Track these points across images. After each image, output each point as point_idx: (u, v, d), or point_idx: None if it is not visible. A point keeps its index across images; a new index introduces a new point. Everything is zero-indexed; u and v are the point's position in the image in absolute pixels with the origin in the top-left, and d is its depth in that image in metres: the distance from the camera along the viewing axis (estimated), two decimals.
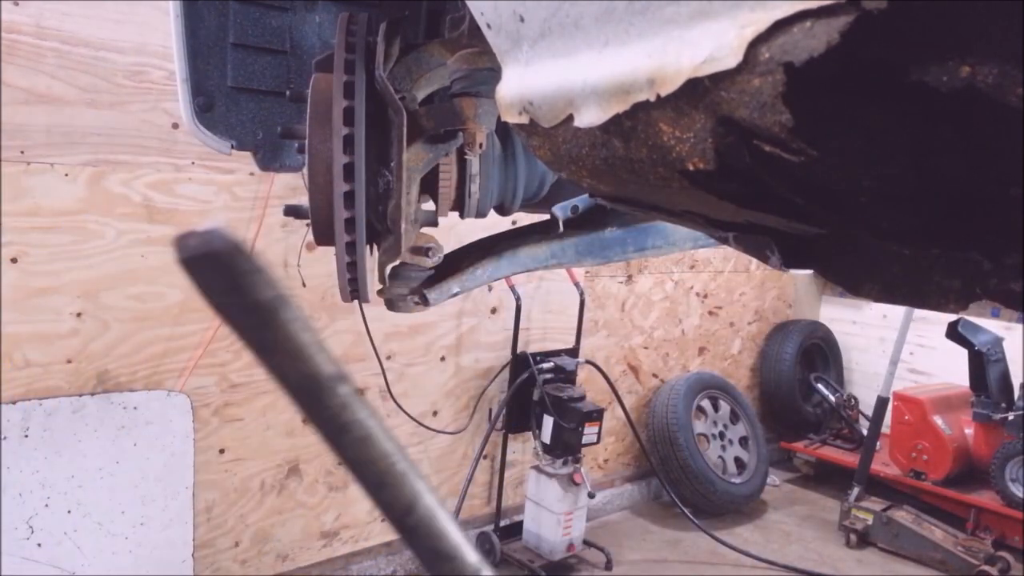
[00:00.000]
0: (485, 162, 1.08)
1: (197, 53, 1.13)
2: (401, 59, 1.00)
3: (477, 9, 0.41)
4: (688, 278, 4.48)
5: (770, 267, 0.40)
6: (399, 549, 3.31)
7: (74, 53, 2.22)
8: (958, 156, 0.24)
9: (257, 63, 1.18)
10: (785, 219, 0.34)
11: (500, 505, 3.52)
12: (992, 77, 0.21)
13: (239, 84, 1.18)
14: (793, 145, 0.26)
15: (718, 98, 0.27)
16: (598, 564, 3.52)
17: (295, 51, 1.21)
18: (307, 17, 1.21)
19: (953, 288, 0.31)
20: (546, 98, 0.37)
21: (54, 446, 2.27)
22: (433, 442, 3.32)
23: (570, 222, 1.16)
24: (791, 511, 4.37)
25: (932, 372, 4.75)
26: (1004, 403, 3.81)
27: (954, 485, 3.96)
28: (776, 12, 0.24)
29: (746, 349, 5.00)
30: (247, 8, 1.15)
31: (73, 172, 2.26)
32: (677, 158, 0.31)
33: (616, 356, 4.15)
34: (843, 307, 5.32)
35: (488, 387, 3.44)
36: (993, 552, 3.56)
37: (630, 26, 0.31)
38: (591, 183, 0.39)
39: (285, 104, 1.22)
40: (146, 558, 2.45)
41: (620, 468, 4.32)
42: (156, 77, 2.37)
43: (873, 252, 0.34)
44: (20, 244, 2.20)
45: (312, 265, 2.78)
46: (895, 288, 0.33)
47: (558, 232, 1.16)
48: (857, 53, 0.23)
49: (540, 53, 0.37)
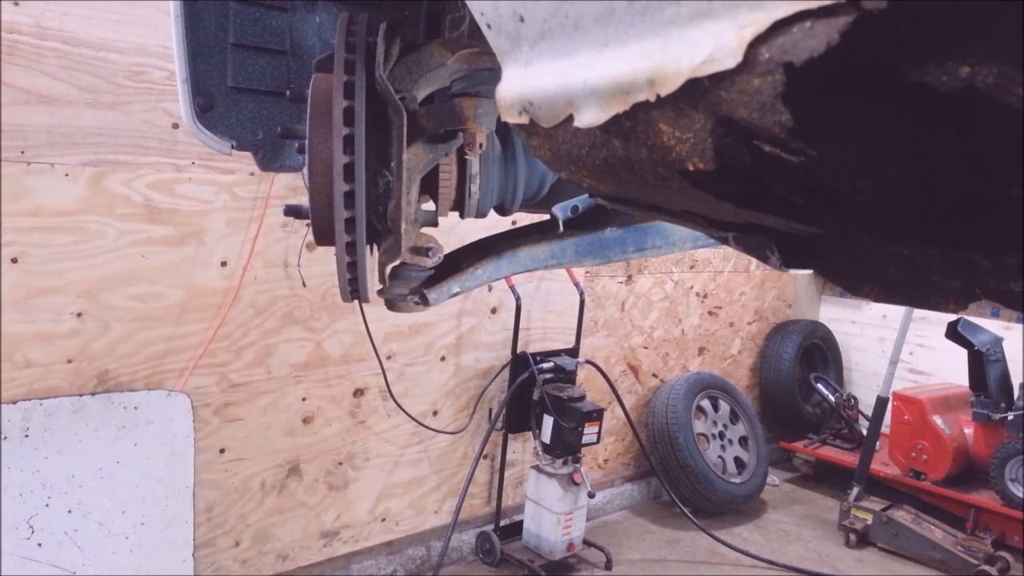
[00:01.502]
0: (485, 162, 1.08)
1: (197, 53, 1.13)
2: (401, 59, 1.00)
3: (477, 9, 0.41)
4: (688, 278, 4.48)
5: (770, 267, 0.40)
6: (399, 549, 3.31)
7: (74, 53, 2.22)
8: (958, 156, 0.24)
9: (257, 63, 1.18)
10: (785, 219, 0.34)
11: (500, 505, 3.52)
12: (992, 77, 0.21)
13: (239, 84, 1.18)
14: (793, 145, 0.26)
15: (718, 98, 0.27)
16: (598, 564, 3.52)
17: (295, 51, 1.21)
18: (307, 17, 1.21)
19: (952, 288, 0.31)
20: (546, 98, 0.37)
21: (55, 446, 2.27)
22: (433, 442, 3.32)
23: (570, 222, 1.16)
24: (791, 511, 4.38)
25: (932, 372, 4.75)
26: (1004, 403, 3.82)
27: (954, 485, 3.97)
28: (776, 12, 0.24)
29: (746, 349, 5.00)
30: (247, 8, 1.15)
31: (74, 172, 2.26)
32: (677, 158, 0.31)
33: (616, 356, 4.15)
34: (843, 307, 5.32)
35: (488, 387, 3.45)
36: (993, 552, 3.56)
37: (630, 26, 0.31)
38: (591, 183, 0.39)
39: (285, 104, 1.22)
40: (146, 558, 2.45)
41: (620, 468, 4.32)
42: (156, 77, 2.37)
43: (873, 252, 0.34)
44: (21, 244, 2.20)
45: (312, 265, 2.78)
46: (894, 288, 0.33)
47: (558, 232, 1.16)
48: (857, 53, 0.23)
49: (540, 53, 0.37)
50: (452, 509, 3.33)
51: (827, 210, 0.31)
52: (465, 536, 3.51)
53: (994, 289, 0.30)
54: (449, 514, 3.37)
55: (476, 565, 3.48)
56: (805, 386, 4.94)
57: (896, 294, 0.33)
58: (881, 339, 5.03)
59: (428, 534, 3.40)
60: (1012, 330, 4.13)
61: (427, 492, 3.37)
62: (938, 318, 4.40)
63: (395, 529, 3.29)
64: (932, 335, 4.61)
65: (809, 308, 5.41)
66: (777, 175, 0.28)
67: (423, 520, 3.38)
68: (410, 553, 3.34)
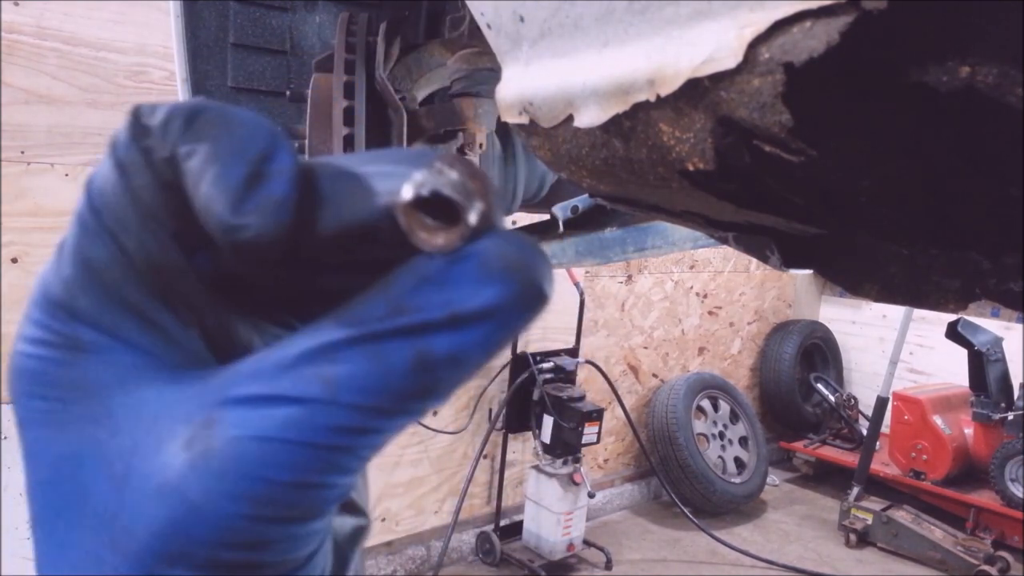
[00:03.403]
0: (485, 162, 1.08)
1: (197, 53, 1.13)
2: (401, 59, 1.00)
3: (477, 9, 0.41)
4: (688, 278, 4.48)
5: (770, 267, 0.40)
6: (399, 549, 3.31)
7: (75, 53, 2.22)
8: (958, 156, 0.24)
9: (257, 63, 1.18)
10: (785, 219, 0.34)
11: (500, 505, 3.52)
12: (992, 77, 0.21)
13: (239, 84, 1.17)
14: (793, 145, 0.26)
15: (718, 98, 0.27)
16: (598, 564, 3.52)
17: (295, 51, 1.21)
18: (307, 17, 1.21)
19: (952, 288, 0.31)
20: (546, 98, 0.37)
21: None
22: (433, 442, 3.32)
23: (570, 222, 1.16)
24: (790, 511, 4.38)
25: (932, 372, 4.75)
26: (1004, 403, 3.82)
27: (954, 485, 3.97)
28: (776, 12, 0.24)
29: (746, 349, 5.00)
30: (247, 8, 1.15)
31: (73, 172, 2.26)
32: (677, 158, 0.31)
33: (616, 356, 4.15)
34: (843, 307, 5.32)
35: (488, 387, 3.44)
36: (992, 552, 3.56)
37: (630, 26, 0.31)
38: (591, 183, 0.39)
39: (285, 104, 1.22)
40: None
41: (620, 468, 4.32)
42: (156, 77, 2.37)
43: (873, 252, 0.34)
44: (21, 244, 2.20)
45: None
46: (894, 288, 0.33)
47: (558, 232, 1.16)
48: (857, 53, 0.23)
49: (540, 53, 0.37)
50: (452, 509, 3.33)
51: (827, 210, 0.31)
52: (465, 536, 3.51)
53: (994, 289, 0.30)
54: (449, 514, 3.37)
55: (476, 565, 3.48)
56: (805, 386, 4.95)
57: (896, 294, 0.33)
58: (881, 339, 5.03)
59: (428, 534, 3.40)
60: (1012, 330, 4.13)
61: (427, 492, 3.37)
62: (938, 318, 4.40)
63: (395, 529, 3.28)
64: (932, 335, 4.61)
65: (809, 308, 5.41)
66: (777, 175, 0.28)
67: (423, 520, 3.38)
68: (410, 553, 3.34)
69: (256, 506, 0.19)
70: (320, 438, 0.19)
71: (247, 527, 0.19)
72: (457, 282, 0.20)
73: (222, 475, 0.19)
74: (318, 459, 0.19)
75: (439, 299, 0.20)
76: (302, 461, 0.19)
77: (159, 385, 0.21)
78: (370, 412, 0.20)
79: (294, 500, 0.20)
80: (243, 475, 0.19)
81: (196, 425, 0.20)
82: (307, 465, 0.19)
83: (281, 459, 0.19)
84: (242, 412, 0.20)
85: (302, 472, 0.19)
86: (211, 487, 0.19)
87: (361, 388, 0.19)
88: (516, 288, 0.20)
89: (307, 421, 0.19)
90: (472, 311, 0.20)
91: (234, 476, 0.19)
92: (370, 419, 0.20)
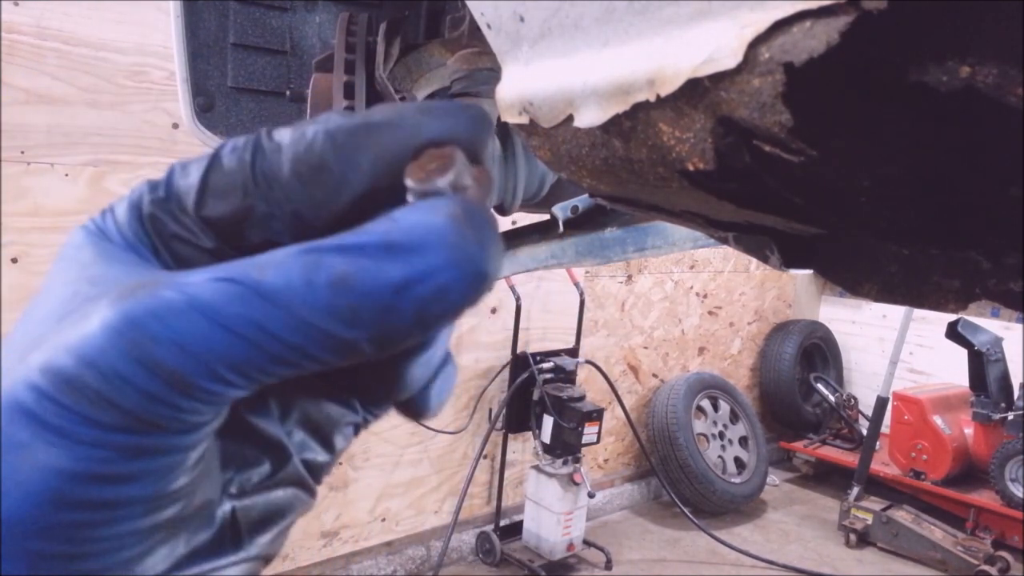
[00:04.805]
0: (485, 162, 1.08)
1: (197, 53, 1.13)
2: (401, 59, 1.00)
3: (477, 9, 0.41)
4: (688, 278, 4.48)
5: (770, 267, 0.40)
6: (399, 549, 3.31)
7: (74, 53, 2.22)
8: (958, 156, 0.24)
9: (257, 63, 1.18)
10: (785, 219, 0.34)
11: (500, 505, 3.52)
12: (992, 77, 0.21)
13: (239, 84, 1.18)
14: (793, 145, 0.26)
15: (718, 98, 0.27)
16: (598, 564, 3.52)
17: (295, 51, 1.21)
18: (307, 17, 1.21)
19: (952, 288, 0.31)
20: (546, 98, 0.37)
21: None
22: (433, 442, 3.32)
23: (570, 222, 1.16)
24: (790, 511, 4.38)
25: (932, 372, 4.75)
26: (1004, 403, 3.82)
27: (954, 485, 3.97)
28: (776, 12, 0.24)
29: (746, 349, 5.00)
30: (247, 8, 1.15)
31: (73, 172, 2.26)
32: (677, 158, 0.31)
33: (616, 356, 4.15)
34: (843, 307, 5.32)
35: (488, 387, 3.44)
36: (992, 552, 3.56)
37: (630, 26, 0.31)
38: (591, 183, 0.39)
39: (285, 104, 1.22)
40: None
41: (620, 468, 4.32)
42: (156, 77, 2.37)
43: (873, 252, 0.34)
44: (21, 244, 2.20)
45: None
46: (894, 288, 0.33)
47: (558, 232, 1.16)
48: (857, 53, 0.23)
49: (540, 53, 0.37)
50: (452, 509, 3.33)
51: (827, 210, 0.31)
52: (465, 536, 3.51)
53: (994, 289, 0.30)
54: (449, 514, 3.37)
55: (476, 565, 3.48)
56: (805, 386, 4.94)
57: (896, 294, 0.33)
58: (881, 339, 5.03)
59: (428, 534, 3.40)
60: (1012, 330, 4.13)
61: (427, 492, 3.37)
62: (938, 318, 4.40)
63: (395, 529, 3.28)
64: (932, 335, 4.61)
65: (809, 308, 5.41)
66: (777, 175, 0.28)
67: (423, 520, 3.38)
68: (410, 553, 3.34)
69: (151, 370, 0.19)
70: (231, 322, 0.20)
71: (138, 396, 0.19)
72: (406, 216, 0.21)
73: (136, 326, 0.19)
74: (224, 342, 0.19)
75: (383, 227, 0.21)
76: (208, 337, 0.19)
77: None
78: (284, 313, 0.20)
79: (186, 375, 0.19)
80: (153, 337, 0.19)
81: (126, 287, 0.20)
82: (211, 343, 0.19)
83: (188, 324, 0.19)
84: (178, 279, 0.20)
85: (203, 348, 0.19)
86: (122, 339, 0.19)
87: (285, 285, 0.20)
88: (457, 249, 0.20)
89: (228, 296, 0.20)
90: (406, 242, 0.20)
91: (146, 335, 0.19)
92: (281, 323, 0.20)
